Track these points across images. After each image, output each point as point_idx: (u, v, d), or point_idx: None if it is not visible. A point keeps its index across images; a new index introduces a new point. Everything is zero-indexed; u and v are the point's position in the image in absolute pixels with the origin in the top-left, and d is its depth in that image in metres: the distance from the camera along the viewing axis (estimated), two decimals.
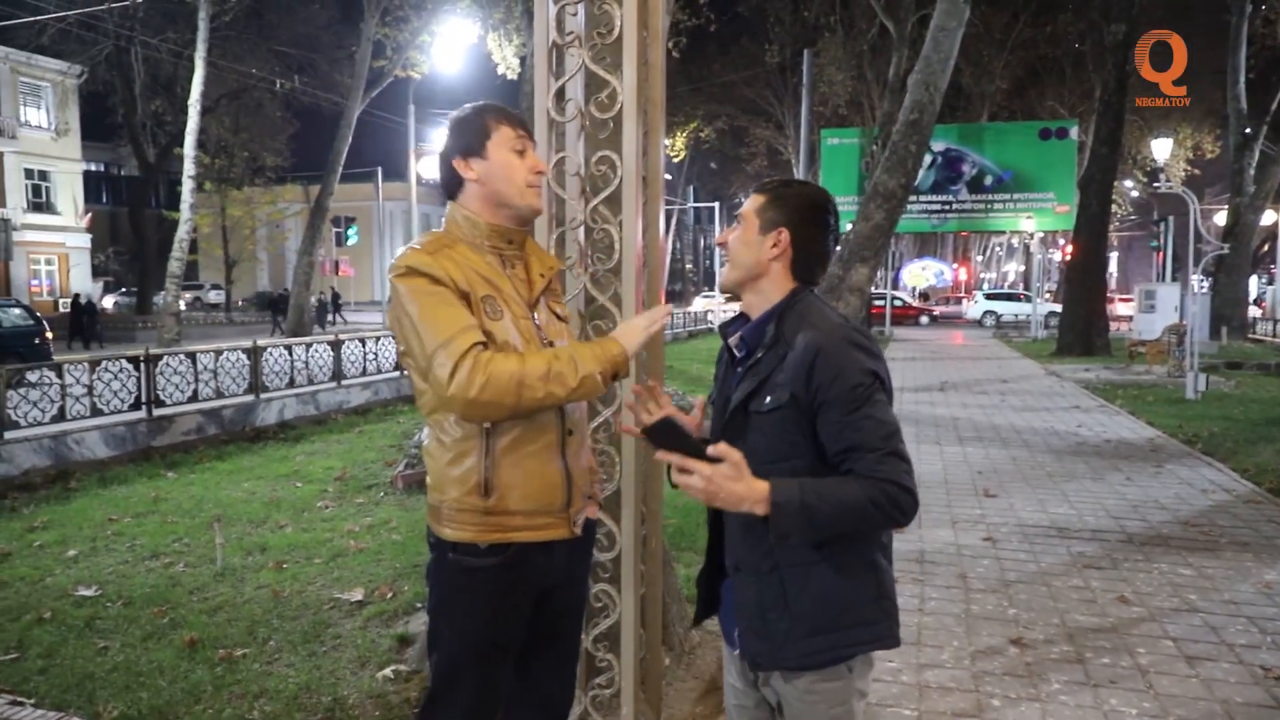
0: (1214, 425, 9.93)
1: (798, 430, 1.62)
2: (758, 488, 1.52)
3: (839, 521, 1.56)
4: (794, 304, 1.72)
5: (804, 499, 1.53)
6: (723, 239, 1.79)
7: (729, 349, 1.82)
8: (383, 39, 25.65)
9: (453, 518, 1.87)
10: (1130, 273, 54.48)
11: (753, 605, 1.70)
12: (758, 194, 1.78)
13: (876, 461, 1.56)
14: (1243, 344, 23.87)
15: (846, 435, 1.58)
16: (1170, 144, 25.18)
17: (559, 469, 1.88)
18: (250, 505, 6.59)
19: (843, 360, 1.60)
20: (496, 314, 1.81)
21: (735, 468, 1.51)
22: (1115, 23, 20.80)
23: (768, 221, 1.74)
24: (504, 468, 1.83)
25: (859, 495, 1.54)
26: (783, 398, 1.62)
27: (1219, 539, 5.38)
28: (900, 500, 1.55)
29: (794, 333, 1.66)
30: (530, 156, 1.91)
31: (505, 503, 1.84)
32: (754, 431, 1.66)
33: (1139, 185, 42.77)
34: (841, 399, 1.58)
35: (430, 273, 1.76)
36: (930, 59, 11.71)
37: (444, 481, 1.87)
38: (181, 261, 22.51)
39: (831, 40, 29.15)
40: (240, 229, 42.15)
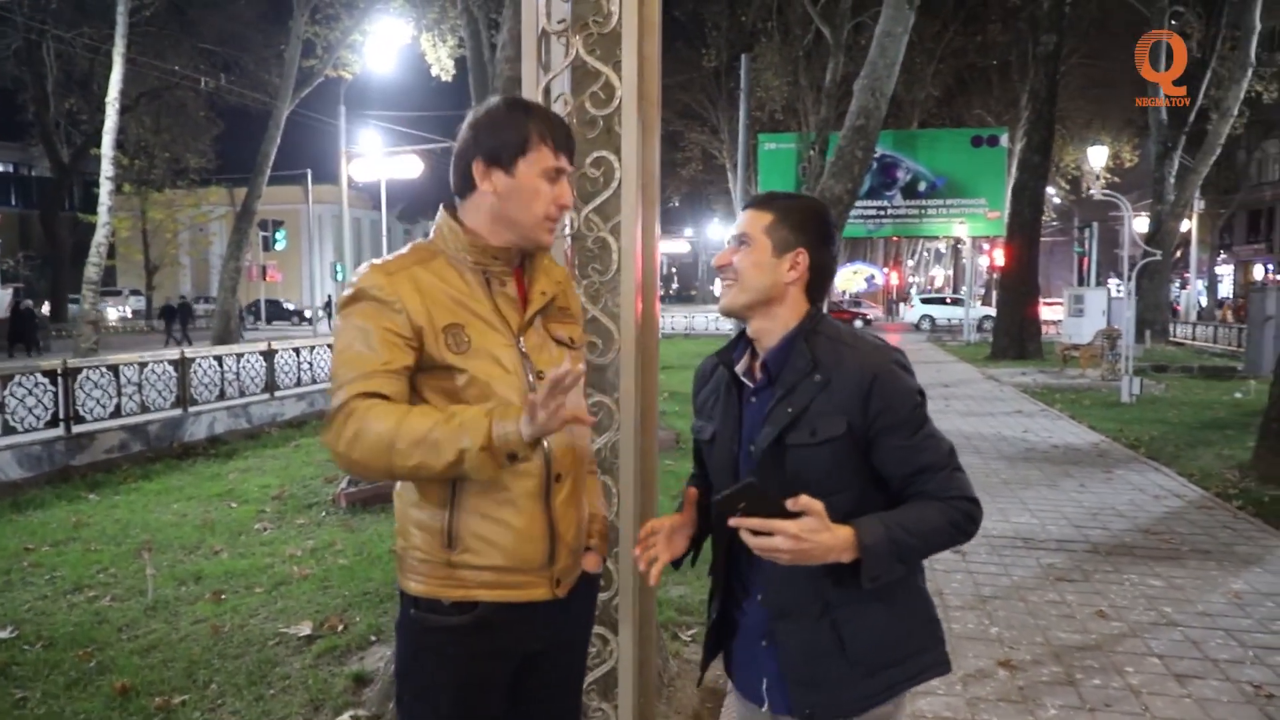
0: (1153, 429, 10.12)
1: (849, 462, 1.53)
2: (843, 535, 1.44)
3: (924, 551, 1.51)
4: (817, 326, 1.60)
5: (891, 535, 1.46)
6: (725, 260, 1.63)
7: (733, 378, 1.66)
8: (313, 38, 24.92)
9: (415, 569, 1.62)
10: (1052, 277, 56.15)
11: (801, 655, 1.56)
12: (761, 211, 1.63)
13: (947, 479, 1.53)
14: (1165, 347, 24.69)
15: (915, 458, 1.52)
16: (1105, 151, 25.97)
17: (541, 521, 1.62)
18: (181, 529, 6.18)
19: (898, 383, 1.53)
20: (461, 345, 1.56)
21: (820, 519, 1.41)
22: (1046, 33, 21.31)
23: (782, 242, 1.60)
24: (471, 516, 1.58)
25: (938, 519, 1.50)
26: (836, 428, 1.51)
27: (1180, 547, 5.39)
28: (974, 514, 1.54)
29: (831, 357, 1.54)
30: (562, 187, 1.65)
31: (471, 556, 1.59)
32: (796, 465, 1.53)
33: (1061, 192, 44.13)
34: (904, 423, 1.52)
35: (379, 296, 1.54)
36: (876, 64, 11.74)
37: (407, 526, 1.63)
38: (99, 267, 21.44)
39: (768, 45, 29.36)
40: (162, 233, 40.59)
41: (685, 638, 4.03)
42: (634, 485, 2.18)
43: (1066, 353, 18.31)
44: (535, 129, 1.61)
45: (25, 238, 46.47)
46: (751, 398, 1.62)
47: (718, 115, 38.40)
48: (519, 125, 1.62)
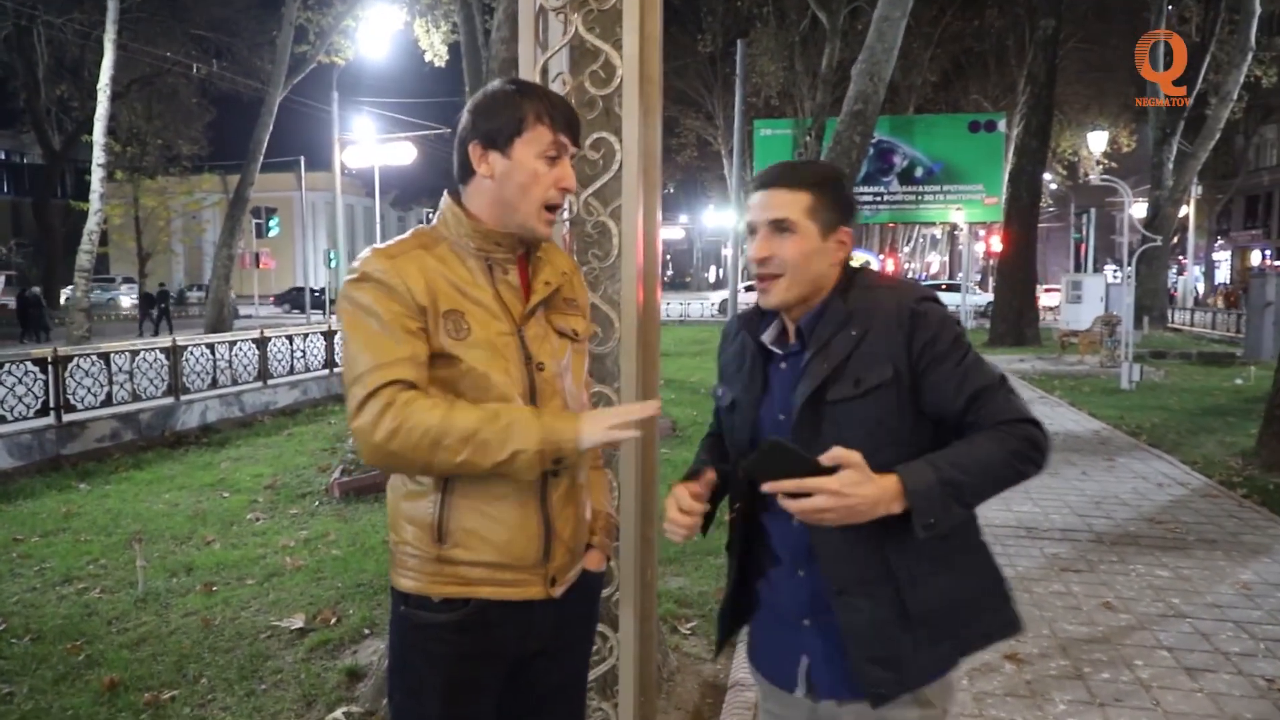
0: (1153, 416, 10.07)
1: (899, 410, 1.42)
2: (888, 483, 1.32)
3: (983, 488, 1.37)
4: (852, 278, 1.52)
5: (941, 475, 1.33)
6: (768, 252, 1.49)
7: (758, 346, 1.57)
8: (305, 23, 24.67)
9: (405, 564, 1.56)
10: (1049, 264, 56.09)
11: (869, 629, 1.44)
12: (795, 190, 1.49)
13: (1000, 403, 1.40)
14: (1163, 333, 24.66)
15: (969, 382, 1.41)
16: (1105, 137, 25.85)
17: (536, 516, 1.56)
18: (173, 519, 6.10)
19: (939, 313, 1.45)
20: (460, 332, 1.50)
21: (860, 469, 1.31)
22: (1044, 18, 21.17)
23: (826, 224, 1.50)
24: (463, 510, 1.52)
25: (994, 449, 1.36)
26: (882, 374, 1.41)
27: (1186, 536, 5.33)
28: (1036, 439, 1.39)
29: (865, 306, 1.46)
30: (561, 169, 1.57)
31: (461, 551, 1.53)
32: (836, 425, 1.42)
33: (1058, 178, 44.03)
34: (951, 348, 1.42)
35: (384, 280, 1.47)
36: (874, 49, 11.62)
37: (399, 519, 1.57)
38: (91, 255, 21.27)
39: (764, 31, 29.15)
40: (154, 220, 40.29)
41: (685, 630, 3.95)
42: (635, 477, 2.10)
43: (1065, 339, 18.26)
44: (532, 108, 1.54)
45: (18, 225, 46.15)
46: (781, 364, 1.54)
47: (713, 101, 38.19)
48: (515, 105, 1.55)
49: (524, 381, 1.54)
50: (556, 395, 1.58)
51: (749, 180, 31.09)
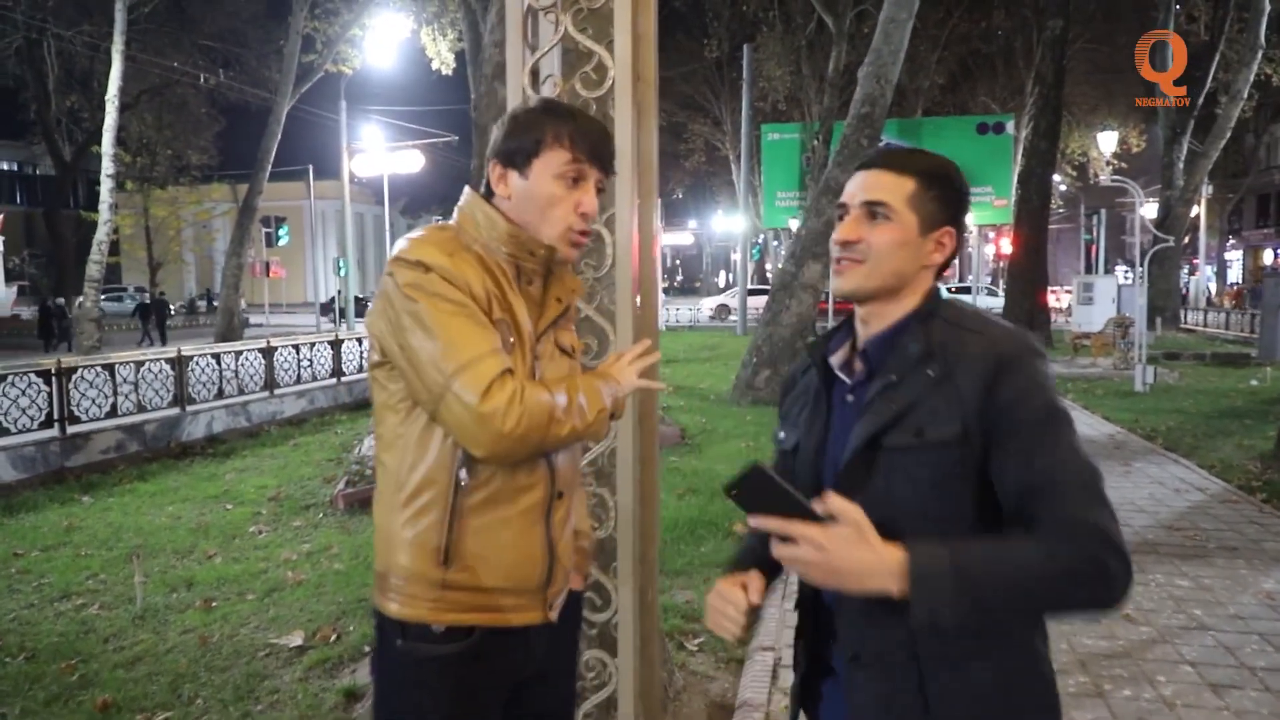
0: (1169, 419, 9.92)
1: (961, 476, 1.19)
2: (888, 556, 1.10)
3: (1013, 599, 1.11)
4: (937, 307, 1.30)
5: (956, 563, 1.09)
6: (855, 235, 1.29)
7: (824, 373, 1.36)
8: (312, 33, 24.76)
9: (402, 590, 1.47)
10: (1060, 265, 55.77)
11: (875, 712, 1.24)
12: (899, 174, 1.29)
13: (1077, 507, 1.12)
14: (1176, 334, 24.44)
15: (1037, 469, 1.15)
16: (1115, 137, 25.67)
17: (541, 539, 1.50)
18: (175, 533, 6.03)
19: (1032, 373, 1.19)
20: (508, 344, 1.44)
21: (856, 528, 1.11)
22: (1052, 18, 21.03)
23: (929, 218, 1.30)
24: (472, 532, 1.44)
25: (1040, 560, 1.10)
26: (948, 430, 1.18)
27: (1206, 544, 5.20)
28: (1110, 567, 1.10)
29: (951, 345, 1.23)
30: (583, 193, 1.48)
31: (469, 576, 1.45)
32: (889, 476, 1.21)
33: (1067, 179, 43.79)
34: (1031, 423, 1.17)
35: (451, 276, 1.39)
36: (881, 51, 11.54)
37: (394, 542, 1.47)
38: (101, 264, 21.34)
39: (770, 35, 29.10)
40: (165, 230, 40.50)
41: (691, 647, 3.85)
42: (633, 496, 2.01)
43: (1077, 341, 18.09)
44: (552, 128, 1.47)
45: (30, 236, 46.39)
46: (847, 395, 1.32)
47: (720, 106, 38.18)
48: (536, 125, 1.48)
49: None
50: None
51: (757, 185, 30.97)
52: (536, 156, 1.46)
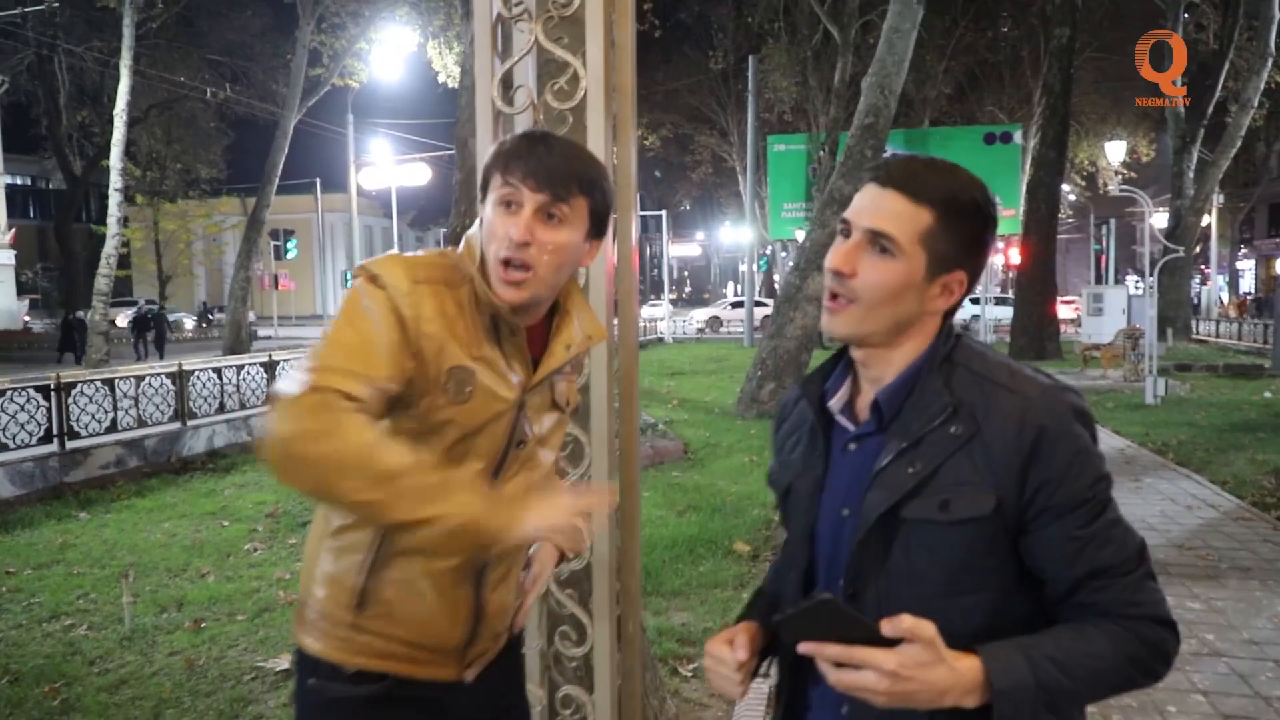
0: (1180, 432, 9.77)
1: (993, 551, 1.08)
2: (966, 671, 0.99)
3: (1086, 697, 1.07)
4: (954, 351, 1.15)
5: (1039, 674, 1.00)
6: (849, 266, 1.12)
7: (823, 418, 1.21)
8: (319, 47, 24.88)
9: (316, 624, 1.38)
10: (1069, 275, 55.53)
11: None
12: (916, 203, 1.11)
13: (1133, 590, 1.06)
14: (1188, 345, 24.22)
15: (1089, 555, 1.05)
16: (1123, 146, 25.55)
17: (467, 601, 1.38)
18: (169, 550, 5.96)
19: (1076, 444, 1.07)
20: (461, 395, 1.29)
21: (930, 648, 0.97)
22: (1059, 27, 20.95)
23: (941, 259, 1.12)
24: (391, 581, 1.34)
25: (1112, 653, 1.03)
26: (980, 506, 1.06)
27: (1219, 564, 5.08)
28: (1166, 646, 1.07)
29: (977, 400, 1.09)
30: (516, 218, 1.29)
31: (380, 624, 1.35)
32: (911, 551, 1.09)
33: (1076, 189, 43.61)
34: (1080, 503, 1.06)
35: (398, 304, 1.25)
36: (884, 61, 11.47)
37: (314, 575, 1.39)
38: (109, 278, 21.41)
39: (775, 46, 29.12)
40: (175, 243, 40.71)
41: (686, 673, 3.75)
42: (609, 527, 1.92)
43: (1087, 353, 17.92)
44: (503, 153, 1.33)
45: (43, 250, 46.70)
46: (850, 444, 1.18)
47: (726, 118, 38.19)
48: (498, 149, 1.35)
49: (496, 455, 1.36)
50: (523, 470, 1.41)
51: (763, 196, 30.88)
52: (488, 188, 1.34)
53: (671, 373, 18.44)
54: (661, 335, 32.75)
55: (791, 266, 13.90)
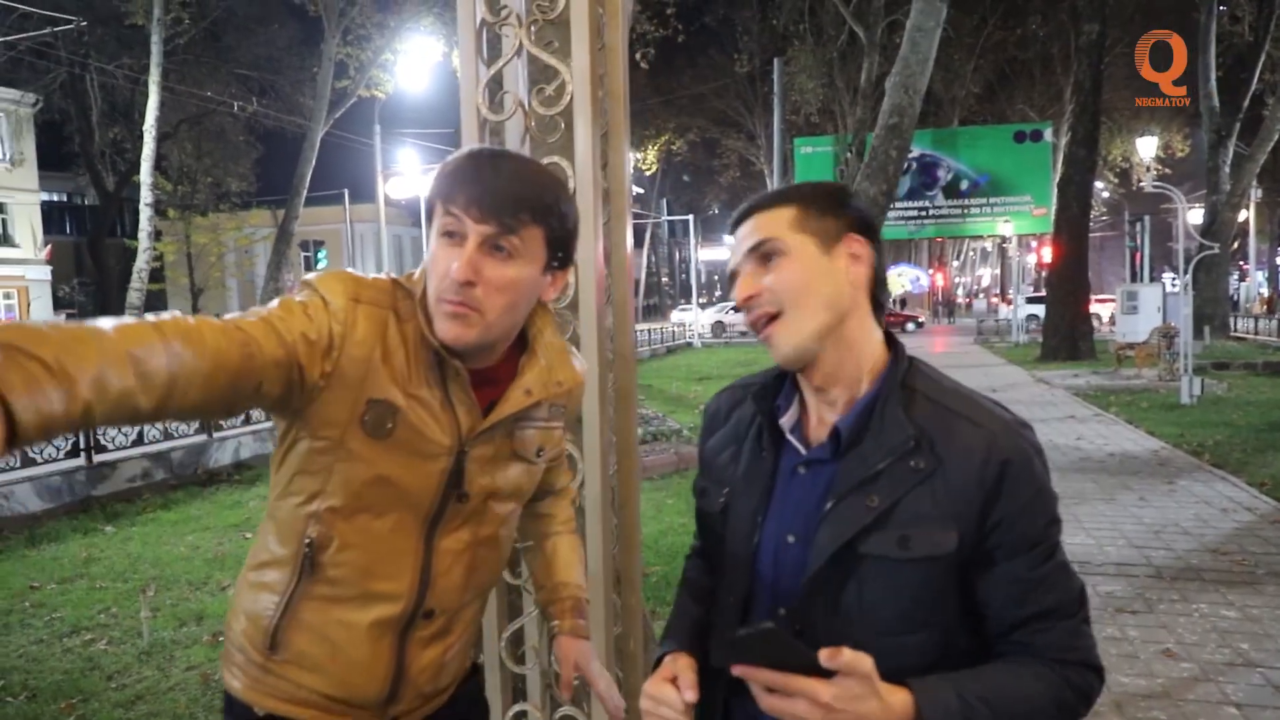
0: (1216, 433, 9.53)
1: (947, 587, 1.06)
2: (897, 706, 0.97)
3: None
4: (912, 378, 1.11)
5: (968, 712, 0.98)
6: (753, 289, 1.11)
7: (769, 432, 1.16)
8: (345, 59, 25.18)
9: (233, 659, 1.31)
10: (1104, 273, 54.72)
11: None
12: (773, 209, 1.12)
13: (1070, 635, 1.06)
14: (1225, 343, 23.72)
15: (1036, 598, 1.05)
16: (1155, 142, 25.15)
17: (387, 655, 1.26)
18: (191, 564, 5.99)
19: (1036, 483, 1.05)
20: (380, 430, 1.17)
21: (865, 682, 0.95)
22: (1088, 23, 20.63)
23: (823, 233, 1.11)
24: (303, 625, 1.24)
25: (1041, 695, 1.02)
26: (941, 544, 1.03)
27: (1255, 569, 4.91)
28: (1091, 692, 1.06)
29: (939, 432, 1.06)
30: (459, 251, 1.16)
31: (292, 670, 1.26)
32: (864, 585, 1.05)
33: (1110, 185, 42.97)
34: (1034, 543, 1.05)
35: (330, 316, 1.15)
36: (908, 60, 11.34)
37: (235, 608, 1.31)
38: (141, 292, 21.78)
39: (801, 48, 29.02)
40: (206, 256, 41.31)
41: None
42: (601, 541, 1.86)
43: (1121, 352, 17.59)
44: (447, 175, 1.19)
45: (79, 265, 47.60)
46: (800, 468, 1.13)
47: (753, 121, 38.14)
48: (441, 170, 1.21)
49: (431, 506, 1.24)
50: (466, 527, 1.28)
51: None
52: (431, 220, 1.21)
53: (699, 378, 18.35)
54: (690, 340, 32.66)
55: None
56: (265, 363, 1.08)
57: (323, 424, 1.17)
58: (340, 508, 1.20)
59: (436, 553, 1.25)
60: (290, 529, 1.24)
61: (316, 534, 1.21)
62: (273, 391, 1.11)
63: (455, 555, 1.27)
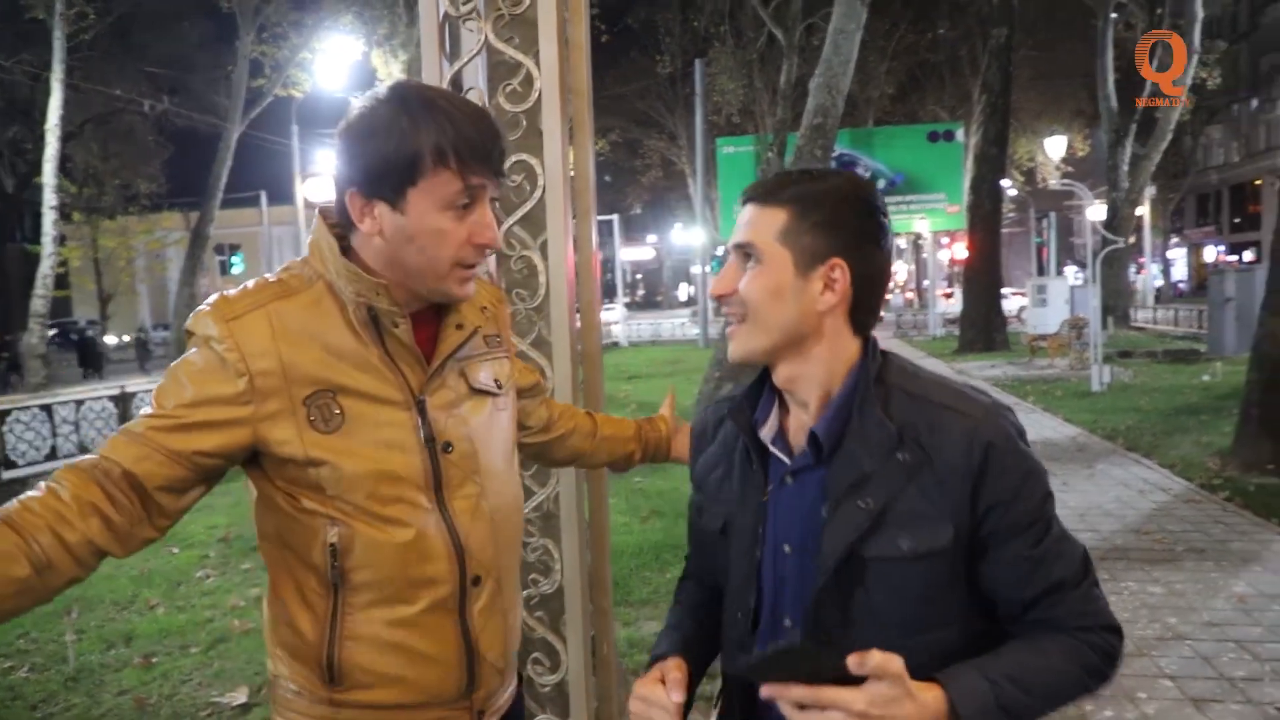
0: (1127, 418, 9.96)
1: (951, 583, 1.07)
2: (931, 703, 0.96)
3: (1044, 709, 1.04)
4: (884, 371, 1.11)
5: (1000, 697, 0.98)
6: (727, 288, 1.12)
7: (753, 447, 1.16)
8: (260, 57, 24.45)
9: (289, 704, 1.23)
10: (1011, 268, 56.66)
11: None
12: (769, 206, 1.10)
13: (1083, 601, 1.07)
14: (1128, 333, 24.81)
15: (1043, 574, 1.06)
16: (1064, 142, 26.14)
17: (455, 638, 1.22)
18: (115, 582, 5.73)
19: (1024, 463, 1.06)
20: (330, 423, 1.14)
21: (897, 683, 0.93)
22: (997, 26, 21.35)
23: (805, 252, 1.08)
24: (360, 640, 1.18)
25: (1067, 665, 1.04)
26: (938, 536, 1.04)
27: (1175, 547, 5.15)
28: (1114, 651, 1.09)
29: (919, 423, 1.06)
30: (478, 218, 1.15)
31: (362, 693, 1.19)
32: (871, 589, 1.06)
33: (1016, 184, 44.53)
34: (1031, 521, 1.05)
35: (216, 350, 1.12)
36: (831, 62, 11.55)
37: (275, 642, 1.24)
38: (46, 299, 20.80)
39: (721, 50, 29.30)
40: (115, 261, 39.61)
41: None
42: (578, 546, 1.85)
43: (1034, 343, 18.25)
44: (429, 140, 1.10)
45: None
46: (787, 477, 1.12)
47: (675, 121, 38.33)
48: (404, 137, 1.11)
49: (425, 470, 1.19)
50: (469, 481, 1.24)
51: (714, 198, 31.07)
52: (413, 184, 1.12)
53: (629, 376, 18.38)
54: (617, 339, 32.66)
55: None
56: (216, 451, 1.14)
57: (280, 447, 1.15)
58: (347, 507, 1.17)
59: (455, 516, 1.22)
60: (306, 546, 1.19)
61: (338, 537, 1.17)
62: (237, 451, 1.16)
63: (472, 514, 1.24)
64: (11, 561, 1.01)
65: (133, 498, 1.10)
